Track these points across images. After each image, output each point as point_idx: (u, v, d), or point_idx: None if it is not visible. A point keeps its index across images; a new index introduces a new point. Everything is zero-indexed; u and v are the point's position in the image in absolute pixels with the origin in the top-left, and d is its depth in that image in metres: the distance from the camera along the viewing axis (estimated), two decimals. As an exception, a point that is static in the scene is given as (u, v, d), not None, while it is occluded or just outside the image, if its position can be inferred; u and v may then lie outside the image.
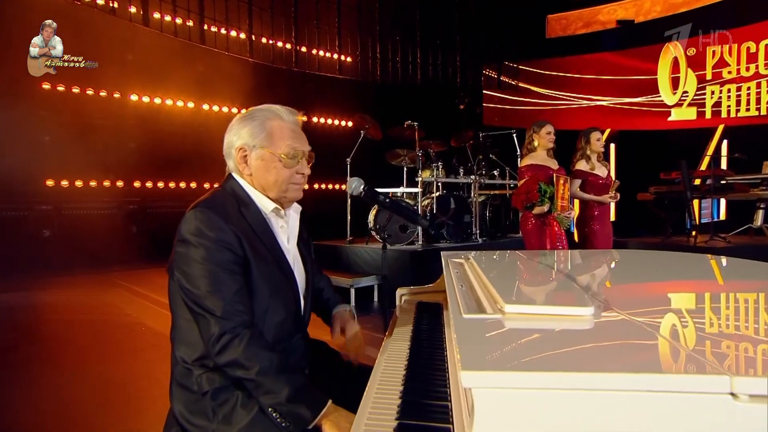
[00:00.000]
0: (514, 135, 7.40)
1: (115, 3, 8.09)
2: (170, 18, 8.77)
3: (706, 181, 7.17)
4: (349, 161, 6.38)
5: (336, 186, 10.20)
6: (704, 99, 8.86)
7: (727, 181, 7.26)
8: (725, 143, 8.61)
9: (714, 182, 6.89)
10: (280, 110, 1.40)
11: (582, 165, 4.24)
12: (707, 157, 8.22)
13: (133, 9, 8.32)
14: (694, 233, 6.80)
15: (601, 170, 4.27)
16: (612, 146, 9.22)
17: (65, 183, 7.52)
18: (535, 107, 10.55)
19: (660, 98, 9.29)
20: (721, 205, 8.41)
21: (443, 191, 6.51)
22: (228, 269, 1.24)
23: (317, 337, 1.62)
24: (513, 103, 10.95)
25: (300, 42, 10.55)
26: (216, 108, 8.95)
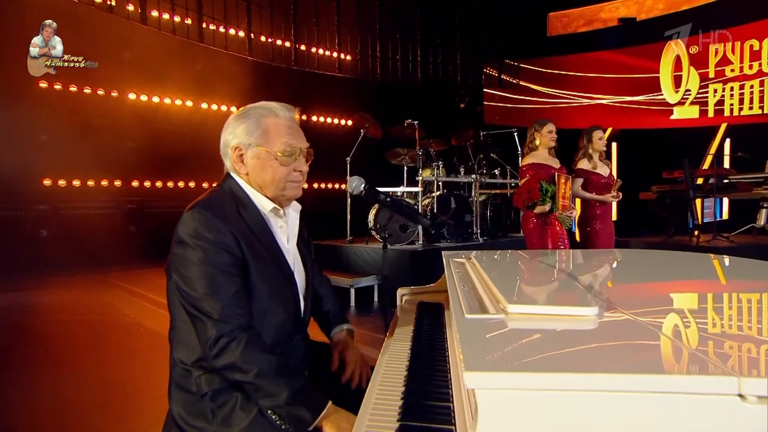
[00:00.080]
0: (515, 134, 7.39)
1: (113, 1, 8.08)
2: (168, 16, 8.76)
3: (709, 180, 7.17)
4: (349, 160, 6.38)
5: (336, 185, 10.20)
6: (707, 97, 8.85)
7: (730, 180, 7.25)
8: (728, 142, 8.60)
9: (717, 181, 6.88)
10: (276, 107, 1.38)
11: (584, 164, 4.24)
12: (710, 156, 8.20)
13: (131, 7, 8.31)
14: (697, 233, 6.79)
15: (603, 169, 4.27)
16: (614, 145, 9.21)
17: (63, 182, 7.51)
18: (537, 106, 10.54)
19: (662, 96, 9.28)
20: (724, 205, 8.40)
21: (444, 190, 6.50)
22: (226, 271, 1.23)
23: (317, 338, 1.62)
24: (514, 102, 10.94)
25: (299, 40, 10.54)
26: (215, 107, 8.95)
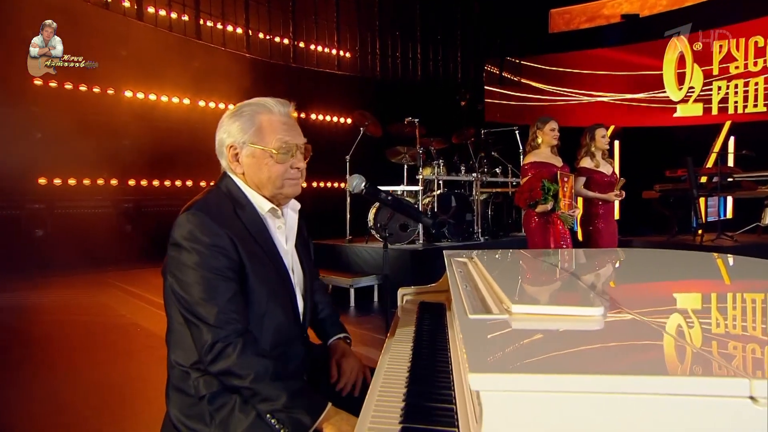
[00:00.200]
0: (517, 132, 7.39)
1: (109, -3, 8.06)
2: (165, 12, 8.73)
3: (713, 179, 7.17)
4: (349, 159, 6.38)
5: (335, 184, 10.19)
6: (711, 95, 8.85)
7: (734, 179, 7.25)
8: (732, 140, 8.59)
9: (721, 180, 6.88)
10: (270, 103, 1.36)
11: (586, 162, 4.23)
12: (714, 154, 8.21)
13: (127, 3, 8.29)
14: (701, 232, 6.79)
15: (606, 168, 4.26)
16: (616, 143, 9.21)
17: (58, 181, 7.49)
18: (538, 103, 10.53)
19: (665, 94, 9.27)
20: (728, 203, 8.39)
21: (444, 189, 6.50)
22: (222, 275, 1.21)
23: (317, 341, 1.61)
24: (515, 100, 10.93)
25: (298, 37, 10.52)
26: (212, 105, 8.93)
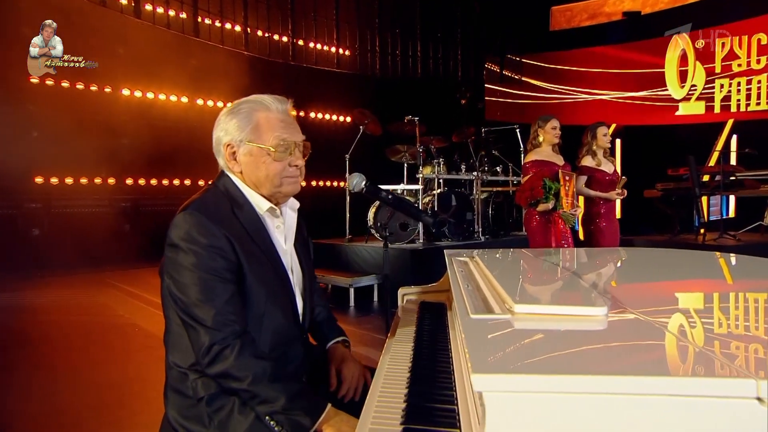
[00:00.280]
0: (518, 130, 7.39)
1: (106, -6, 8.05)
2: (163, 10, 8.72)
3: (715, 178, 7.16)
4: (348, 157, 6.38)
5: (334, 183, 10.18)
6: (713, 92, 8.83)
7: (737, 178, 7.25)
8: (735, 138, 8.58)
9: (723, 178, 6.87)
10: (267, 100, 1.35)
11: (588, 161, 4.23)
12: (716, 153, 8.21)
13: (124, 1, 8.28)
14: (703, 231, 6.79)
15: (608, 166, 4.26)
16: (618, 141, 9.20)
17: (55, 180, 7.49)
18: (539, 101, 10.53)
19: (667, 92, 9.26)
20: (731, 202, 8.39)
21: (445, 188, 6.50)
22: (219, 277, 1.21)
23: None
24: (516, 98, 10.93)
25: (297, 35, 10.51)
26: (210, 103, 8.93)
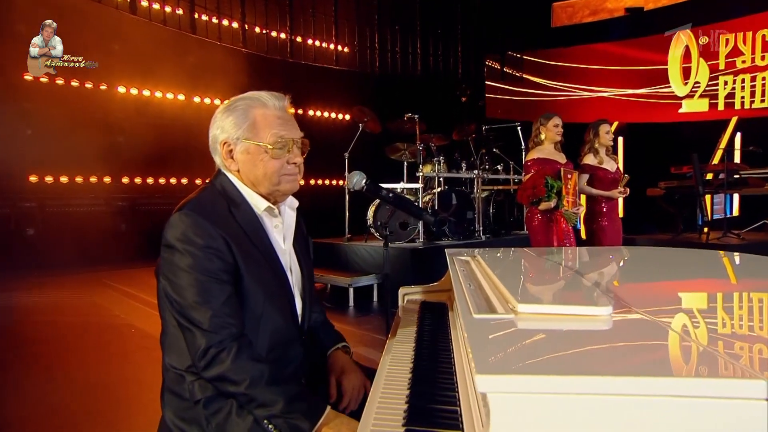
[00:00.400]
0: (519, 128, 7.39)
1: (101, -10, 8.03)
2: (159, 6, 8.71)
3: (719, 176, 7.15)
4: (347, 156, 6.37)
5: (333, 182, 10.18)
6: (717, 90, 8.82)
7: (741, 176, 7.24)
8: (739, 136, 8.58)
9: (727, 177, 6.87)
10: (264, 96, 1.35)
11: (590, 159, 4.23)
12: (720, 151, 8.20)
13: (120, -3, 8.27)
14: (706, 230, 6.79)
15: (610, 164, 4.26)
16: (620, 139, 9.19)
17: (50, 179, 7.47)
18: (540, 99, 10.52)
19: (670, 89, 9.25)
20: (735, 201, 8.39)
21: (445, 186, 6.50)
22: (216, 278, 1.20)
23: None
24: (517, 95, 10.91)
25: (295, 31, 10.50)
26: (207, 100, 8.92)
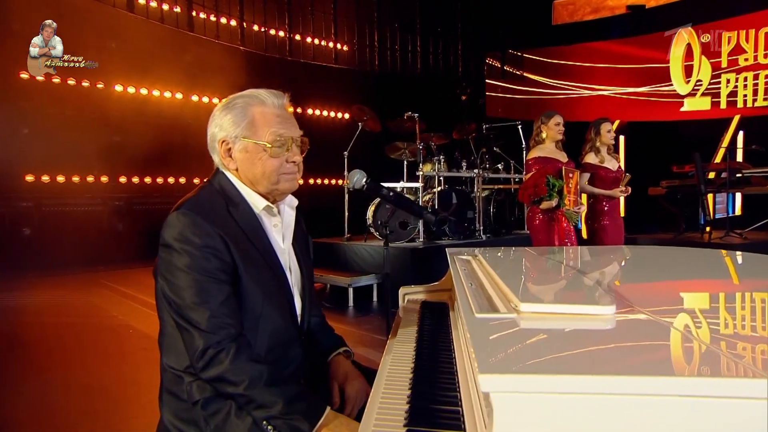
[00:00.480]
0: (519, 127, 7.39)
1: (98, -13, 8.02)
2: (156, 4, 8.70)
3: (721, 175, 7.17)
4: (347, 155, 6.37)
5: (333, 181, 10.17)
6: (719, 88, 8.83)
7: (744, 174, 7.25)
8: (741, 134, 8.58)
9: (729, 175, 6.88)
10: (263, 94, 1.34)
11: (591, 158, 4.24)
12: (722, 149, 8.22)
13: (117, -6, 8.26)
14: (709, 229, 6.80)
15: (612, 163, 4.26)
16: (621, 138, 9.18)
17: (46, 178, 7.46)
18: (541, 97, 10.52)
19: (672, 87, 9.26)
20: (737, 200, 8.40)
21: (445, 186, 6.50)
22: (214, 278, 1.20)
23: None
24: (518, 94, 10.92)
25: (294, 29, 10.49)
26: (206, 99, 8.90)
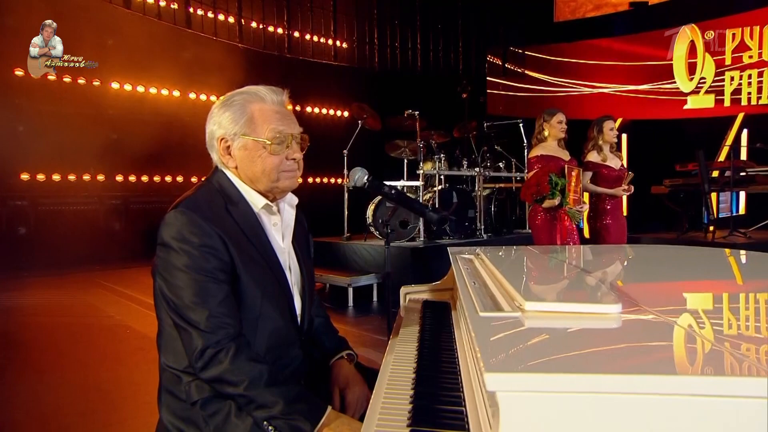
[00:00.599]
0: (521, 125, 7.39)
1: (94, -17, 8.01)
2: (153, 0, 8.69)
3: (725, 173, 7.17)
4: (346, 153, 6.37)
5: (332, 180, 10.16)
6: (723, 85, 8.83)
7: (748, 173, 7.26)
8: (745, 132, 8.58)
9: (733, 174, 6.89)
10: (262, 91, 1.34)
11: (593, 156, 4.24)
12: (726, 148, 8.21)
13: (113, -10, 8.24)
14: (712, 228, 6.81)
15: (614, 161, 4.26)
16: (624, 136, 9.15)
17: (41, 177, 7.45)
18: (543, 95, 10.52)
19: (675, 85, 9.26)
20: (741, 199, 8.40)
21: (446, 184, 6.51)
22: (213, 277, 1.20)
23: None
24: (519, 91, 10.91)
25: (293, 26, 10.48)
26: (203, 97, 8.90)
